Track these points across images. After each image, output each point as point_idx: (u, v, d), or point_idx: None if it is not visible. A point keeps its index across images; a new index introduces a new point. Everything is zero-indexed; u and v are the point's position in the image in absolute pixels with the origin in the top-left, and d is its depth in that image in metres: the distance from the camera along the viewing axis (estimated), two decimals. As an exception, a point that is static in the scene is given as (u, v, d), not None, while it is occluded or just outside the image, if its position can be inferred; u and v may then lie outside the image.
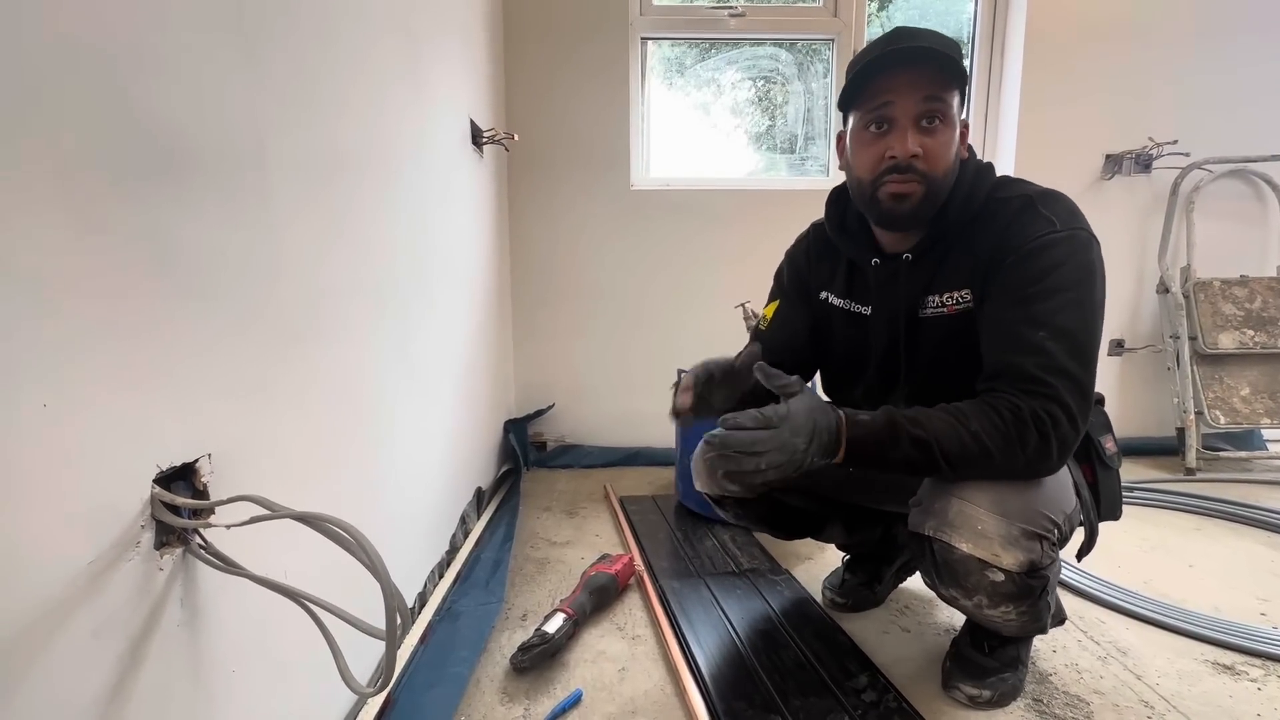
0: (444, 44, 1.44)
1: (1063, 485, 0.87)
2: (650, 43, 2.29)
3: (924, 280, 0.95)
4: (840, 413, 0.82)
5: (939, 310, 0.94)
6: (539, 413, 2.29)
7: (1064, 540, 0.87)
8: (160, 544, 0.54)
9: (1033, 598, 0.85)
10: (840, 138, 0.99)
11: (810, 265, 1.11)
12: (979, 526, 0.82)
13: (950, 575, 0.86)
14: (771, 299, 1.16)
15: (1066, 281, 0.82)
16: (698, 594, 1.30)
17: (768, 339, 1.12)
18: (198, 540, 0.57)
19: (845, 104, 0.94)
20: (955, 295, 0.92)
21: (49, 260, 0.43)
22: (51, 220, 0.43)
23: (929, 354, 0.97)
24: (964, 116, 0.91)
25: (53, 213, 0.43)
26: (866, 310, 1.02)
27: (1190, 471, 2.08)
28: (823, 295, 1.09)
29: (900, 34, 0.87)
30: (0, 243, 0.39)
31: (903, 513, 0.94)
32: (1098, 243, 0.86)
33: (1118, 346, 2.34)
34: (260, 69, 0.69)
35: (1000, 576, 0.82)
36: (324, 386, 0.84)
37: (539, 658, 1.05)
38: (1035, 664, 1.07)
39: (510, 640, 1.14)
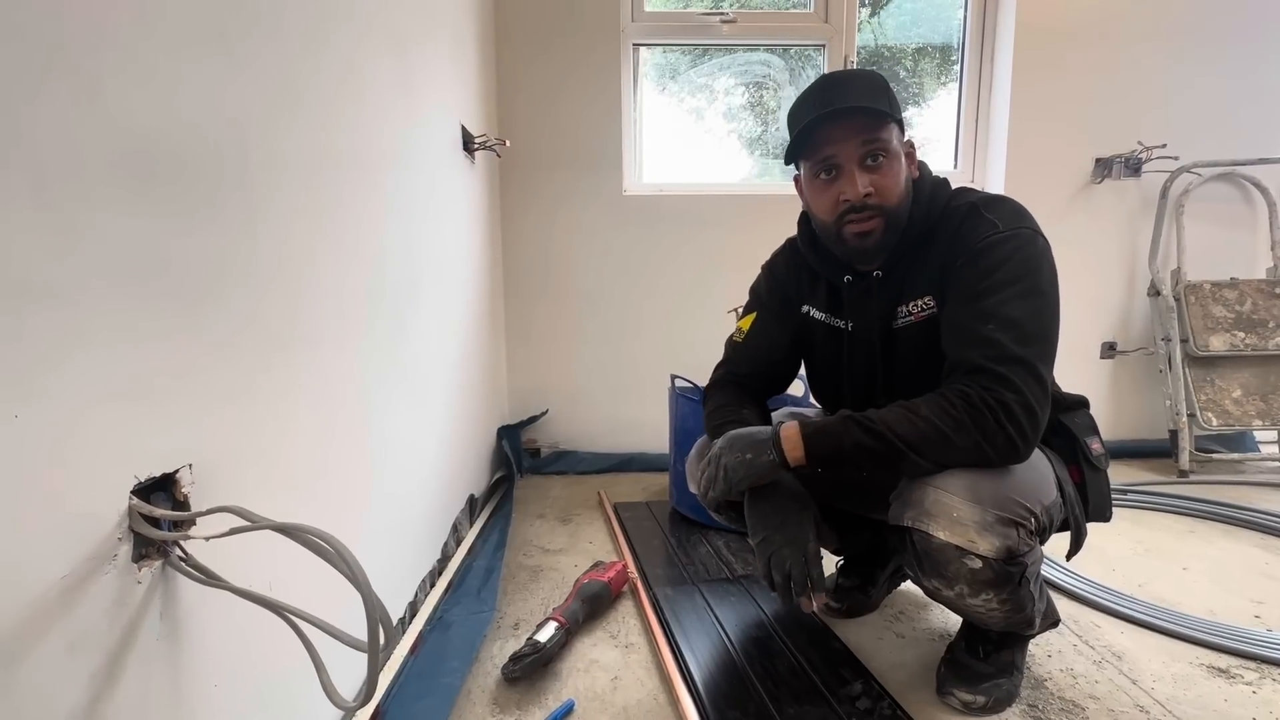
0: (434, 51, 1.44)
1: (1041, 476, 0.89)
2: (643, 49, 2.30)
3: (893, 294, 0.99)
4: (784, 423, 0.91)
5: (908, 319, 0.98)
6: (532, 419, 2.28)
7: (1043, 531, 0.88)
8: (139, 556, 0.53)
9: (1012, 585, 0.86)
10: (797, 180, 1.05)
11: (792, 278, 1.14)
12: (955, 514, 0.83)
13: (930, 565, 0.87)
14: (748, 311, 1.17)
15: (1011, 276, 0.87)
16: (691, 601, 1.29)
17: (744, 350, 1.15)
18: (178, 552, 0.56)
19: (791, 158, 1.00)
20: (920, 303, 0.97)
21: (20, 267, 0.42)
22: (26, 226, 0.42)
23: (906, 363, 1.00)
24: (907, 139, 0.97)
25: (28, 219, 0.42)
26: (845, 325, 1.07)
27: (1183, 474, 2.09)
28: (805, 309, 1.12)
29: (829, 88, 0.94)
30: (-31, 251, 0.39)
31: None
32: (1044, 238, 0.91)
33: (1110, 349, 2.35)
34: (244, 72, 0.68)
35: (978, 564, 0.83)
36: (311, 394, 0.83)
37: (531, 667, 1.04)
38: (1030, 669, 1.06)
39: (502, 650, 1.13)
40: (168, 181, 0.56)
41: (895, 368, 1.01)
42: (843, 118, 0.91)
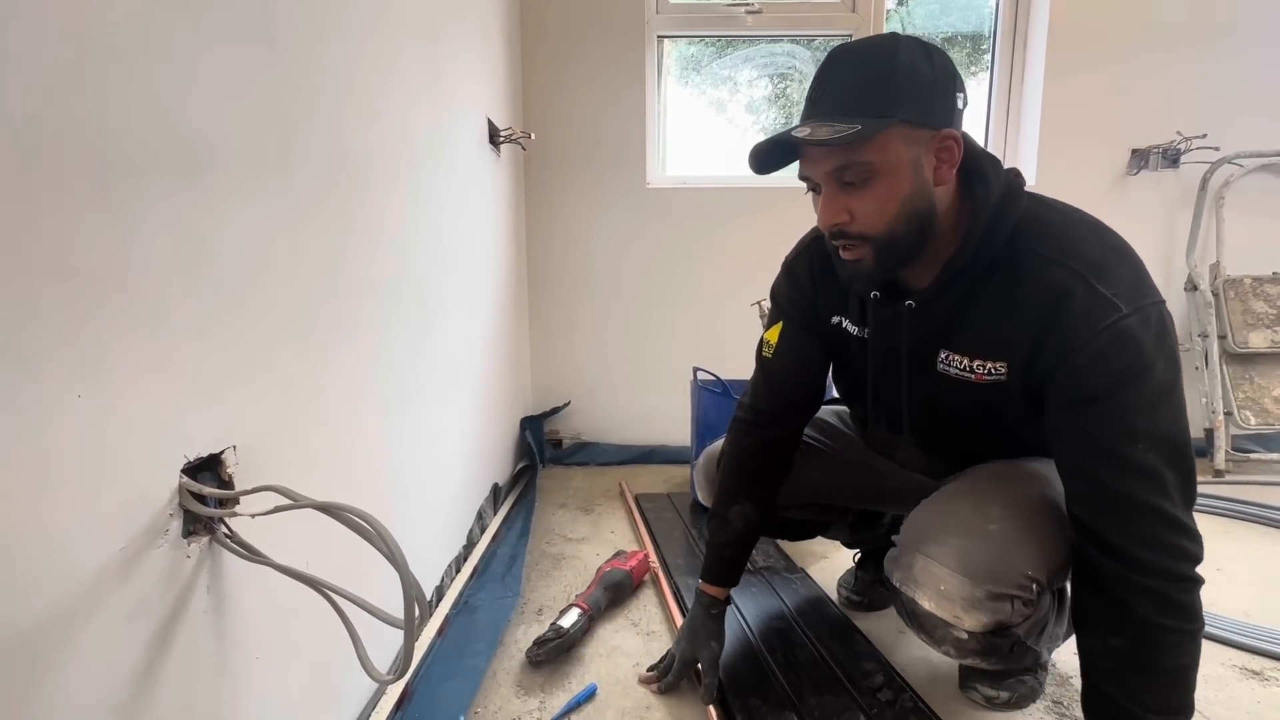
0: (462, 44, 1.46)
1: (1051, 534, 0.79)
2: (667, 41, 2.29)
3: (934, 329, 0.84)
4: None
5: (963, 374, 0.83)
6: (555, 410, 2.31)
7: (1044, 594, 0.79)
8: (188, 532, 0.55)
9: (1000, 653, 0.82)
10: None
11: (816, 288, 0.97)
12: (941, 587, 0.78)
13: (917, 625, 0.84)
14: (773, 321, 1.03)
15: (1154, 381, 0.70)
16: (712, 591, 1.29)
17: (777, 365, 1.01)
18: (223, 529, 0.58)
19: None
20: (988, 365, 0.81)
21: (84, 256, 0.44)
22: (87, 218, 0.45)
23: (943, 409, 0.89)
24: (942, 133, 0.73)
25: (89, 211, 0.45)
26: (869, 339, 0.93)
27: (1219, 473, 2.03)
28: (835, 320, 0.96)
29: (817, 82, 0.76)
30: (41, 239, 0.41)
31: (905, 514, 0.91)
32: (1165, 304, 0.73)
33: (1143, 345, 2.28)
34: (284, 69, 0.70)
35: (964, 635, 0.79)
36: (345, 381, 0.85)
37: (554, 652, 1.06)
38: (1056, 666, 1.05)
39: (526, 634, 1.15)
40: (215, 175, 0.58)
41: (928, 408, 0.91)
42: (809, 140, 0.72)
